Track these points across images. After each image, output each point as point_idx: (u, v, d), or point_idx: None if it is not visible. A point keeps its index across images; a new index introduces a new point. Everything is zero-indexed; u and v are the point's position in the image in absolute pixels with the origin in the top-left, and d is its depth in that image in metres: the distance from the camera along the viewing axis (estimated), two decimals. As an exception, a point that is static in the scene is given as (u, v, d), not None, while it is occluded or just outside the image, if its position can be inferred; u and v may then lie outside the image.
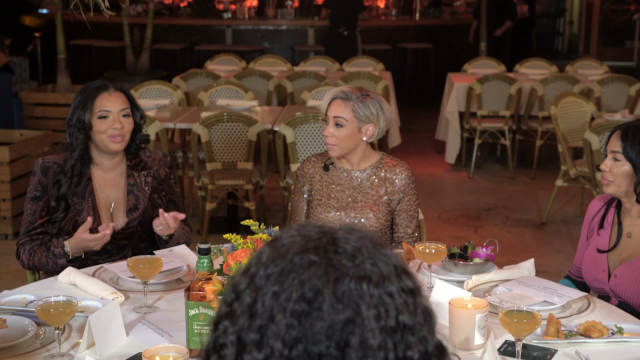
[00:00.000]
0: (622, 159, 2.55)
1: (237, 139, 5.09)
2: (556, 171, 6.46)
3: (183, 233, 2.86)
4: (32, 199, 2.78)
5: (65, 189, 2.76)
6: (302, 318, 1.00)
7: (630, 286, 2.53)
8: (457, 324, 2.09)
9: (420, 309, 1.05)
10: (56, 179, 2.77)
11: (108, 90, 2.78)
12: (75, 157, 2.78)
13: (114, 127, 2.75)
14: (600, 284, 2.63)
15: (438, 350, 1.06)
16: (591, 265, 2.66)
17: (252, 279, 1.05)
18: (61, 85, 7.42)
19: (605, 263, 2.63)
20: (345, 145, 2.88)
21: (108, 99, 2.77)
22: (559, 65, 8.50)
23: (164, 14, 11.47)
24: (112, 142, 2.76)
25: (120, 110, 2.77)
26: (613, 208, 2.66)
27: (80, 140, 2.77)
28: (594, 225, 2.70)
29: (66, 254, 2.68)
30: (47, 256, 2.71)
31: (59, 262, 2.69)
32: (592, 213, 2.73)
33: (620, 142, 2.55)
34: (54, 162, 2.80)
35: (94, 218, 2.78)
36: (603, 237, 2.66)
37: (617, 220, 2.65)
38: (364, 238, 1.07)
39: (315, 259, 1.03)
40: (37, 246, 2.73)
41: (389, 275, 1.04)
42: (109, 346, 2.05)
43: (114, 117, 2.76)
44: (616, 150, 2.56)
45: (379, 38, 10.90)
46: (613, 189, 2.59)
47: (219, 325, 1.06)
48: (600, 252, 2.64)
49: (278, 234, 1.11)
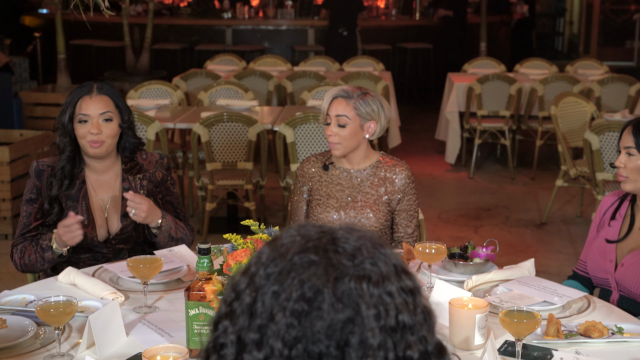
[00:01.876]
0: (636, 154, 2.57)
1: (237, 139, 5.09)
2: (556, 171, 6.47)
3: (175, 227, 2.79)
4: (27, 202, 2.76)
5: (55, 190, 2.73)
6: (302, 317, 1.00)
7: (636, 273, 2.54)
8: (457, 324, 2.09)
9: (420, 308, 1.05)
10: (49, 182, 2.75)
11: (90, 94, 2.73)
12: (64, 159, 2.75)
13: (91, 132, 2.69)
14: (606, 273, 2.63)
15: (438, 350, 1.06)
16: (598, 255, 2.67)
17: (252, 279, 1.05)
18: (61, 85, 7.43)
19: (614, 253, 2.64)
20: (348, 143, 2.88)
21: (88, 102, 2.72)
22: (559, 65, 8.50)
23: (164, 14, 11.47)
24: (91, 147, 2.72)
25: (99, 115, 2.71)
26: (627, 201, 2.68)
27: (66, 143, 2.74)
28: (605, 218, 2.71)
29: (51, 246, 2.64)
30: (36, 251, 2.67)
31: (46, 255, 2.65)
32: (605, 206, 2.74)
33: (633, 136, 2.58)
34: (48, 165, 2.78)
35: (88, 221, 2.76)
36: (614, 227, 2.67)
37: (631, 213, 2.66)
38: (363, 238, 1.07)
39: (315, 258, 1.03)
40: (28, 244, 2.70)
41: (388, 274, 1.04)
42: (109, 346, 2.04)
43: (93, 121, 2.71)
44: (629, 146, 2.59)
45: (379, 38, 10.90)
46: (631, 186, 2.60)
47: (219, 325, 1.06)
48: (609, 242, 2.65)
49: (278, 234, 1.11)
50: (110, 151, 2.78)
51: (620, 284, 2.59)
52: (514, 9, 12.78)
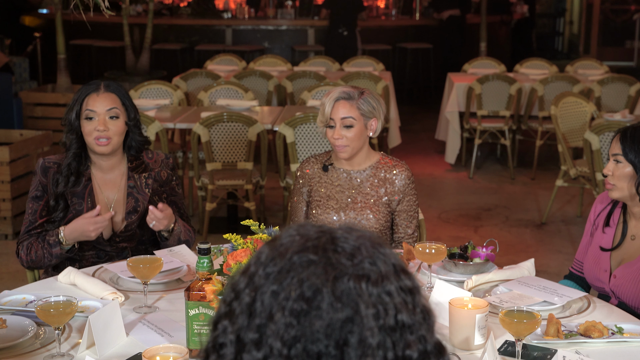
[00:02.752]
0: (623, 161, 2.56)
1: (237, 139, 5.09)
2: (556, 171, 6.47)
3: (184, 230, 2.82)
4: (33, 199, 2.77)
5: (61, 187, 2.74)
6: (301, 317, 1.00)
7: (630, 287, 2.53)
8: (457, 324, 2.09)
9: (419, 308, 1.05)
10: (55, 178, 2.76)
11: (97, 91, 2.74)
12: (71, 156, 2.76)
13: (98, 129, 2.70)
14: (601, 283, 2.63)
15: (437, 350, 1.06)
16: (593, 264, 2.66)
17: (252, 278, 1.05)
18: (61, 85, 7.42)
19: (608, 262, 2.63)
20: (356, 144, 2.90)
21: (95, 99, 2.73)
22: (559, 65, 8.50)
23: (164, 14, 11.47)
24: (97, 145, 2.73)
25: (106, 111, 2.72)
26: (619, 208, 2.67)
27: (72, 140, 2.76)
28: (599, 221, 2.70)
29: (60, 241, 2.65)
30: (43, 247, 2.68)
31: (53, 251, 2.66)
32: (597, 210, 2.73)
33: (620, 144, 2.56)
34: (54, 162, 2.79)
35: None
36: (608, 235, 2.66)
37: (623, 220, 2.65)
38: (362, 237, 1.07)
39: (314, 258, 1.03)
40: (34, 240, 2.72)
41: (387, 274, 1.04)
42: (109, 346, 2.04)
43: (100, 118, 2.71)
44: (617, 153, 2.57)
45: (379, 38, 10.90)
46: (618, 194, 2.59)
47: (218, 324, 1.06)
48: (603, 250, 2.64)
49: (278, 234, 1.11)
50: (116, 149, 2.79)
51: (615, 293, 2.59)
52: (514, 9, 12.78)
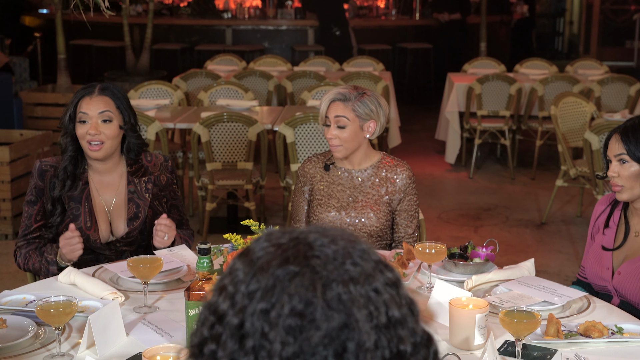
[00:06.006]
0: (629, 160, 2.53)
1: (237, 139, 5.09)
2: (556, 171, 6.47)
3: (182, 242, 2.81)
4: (27, 203, 2.74)
5: (57, 191, 2.72)
6: (297, 333, 0.97)
7: (634, 283, 2.53)
8: (457, 324, 2.09)
9: (404, 300, 1.04)
10: (52, 182, 2.74)
11: (91, 95, 2.72)
12: (67, 159, 2.74)
13: (89, 132, 2.68)
14: (604, 281, 2.63)
15: (426, 339, 1.05)
16: (595, 263, 2.66)
17: (233, 299, 1.01)
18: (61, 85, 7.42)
19: (610, 261, 2.62)
20: (349, 145, 2.89)
21: (88, 102, 2.70)
22: (559, 65, 8.50)
23: (164, 14, 11.47)
24: (90, 150, 2.70)
25: (98, 115, 2.69)
26: (618, 210, 2.66)
27: (68, 143, 2.74)
28: (599, 224, 2.70)
29: (57, 261, 2.65)
30: (41, 262, 2.67)
31: (51, 269, 2.65)
32: (597, 213, 2.72)
33: (623, 143, 2.53)
34: (51, 165, 2.76)
35: (91, 223, 2.74)
36: (608, 235, 2.65)
37: (624, 219, 2.64)
38: (338, 238, 1.05)
39: (296, 269, 1.00)
40: (32, 251, 2.70)
41: (372, 271, 1.03)
42: (109, 346, 2.04)
43: (92, 121, 2.69)
44: (621, 153, 2.54)
45: (379, 38, 10.90)
46: (627, 195, 2.55)
47: (204, 349, 1.01)
48: (606, 249, 2.64)
49: (246, 246, 1.06)
50: (110, 153, 2.76)
51: (619, 291, 2.59)
52: (514, 9, 12.78)
